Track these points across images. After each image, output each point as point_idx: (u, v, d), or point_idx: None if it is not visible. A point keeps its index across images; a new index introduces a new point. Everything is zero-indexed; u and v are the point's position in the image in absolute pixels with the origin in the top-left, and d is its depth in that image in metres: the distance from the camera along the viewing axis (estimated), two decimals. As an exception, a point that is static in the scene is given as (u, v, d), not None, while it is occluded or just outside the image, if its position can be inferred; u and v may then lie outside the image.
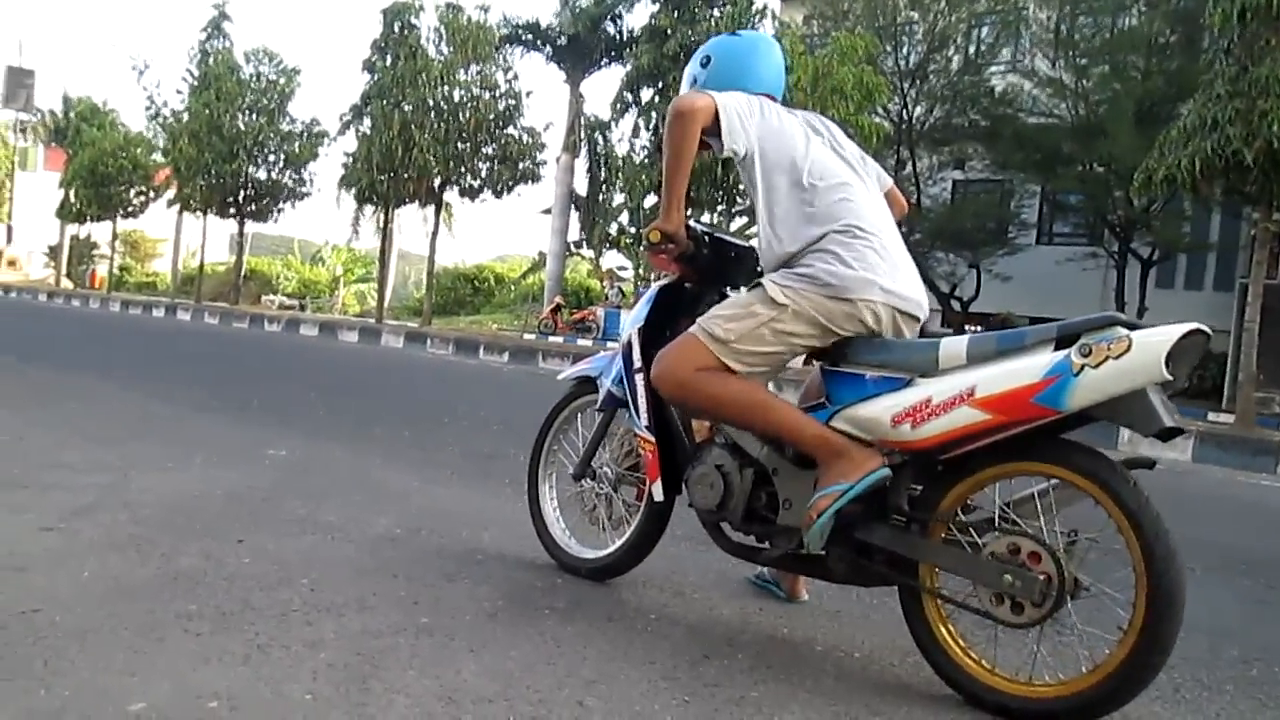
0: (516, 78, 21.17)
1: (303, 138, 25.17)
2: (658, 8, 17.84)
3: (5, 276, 35.11)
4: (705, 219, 16.13)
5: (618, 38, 23.62)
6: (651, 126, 17.53)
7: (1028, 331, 2.02)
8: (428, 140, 19.31)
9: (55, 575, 2.36)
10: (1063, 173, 16.27)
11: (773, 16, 17.77)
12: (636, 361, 2.62)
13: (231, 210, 25.46)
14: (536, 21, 24.44)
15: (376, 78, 20.23)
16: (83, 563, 2.48)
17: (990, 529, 2.04)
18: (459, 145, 20.06)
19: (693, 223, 2.58)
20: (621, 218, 19.77)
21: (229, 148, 23.90)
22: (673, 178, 2.38)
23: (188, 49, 30.34)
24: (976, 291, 17.93)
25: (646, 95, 18.20)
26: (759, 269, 2.52)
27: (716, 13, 17.09)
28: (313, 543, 2.92)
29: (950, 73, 17.73)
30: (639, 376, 2.60)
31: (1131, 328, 1.87)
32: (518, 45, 24.12)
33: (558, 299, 23.12)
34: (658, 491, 2.56)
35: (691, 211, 13.32)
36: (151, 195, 29.45)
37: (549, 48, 24.80)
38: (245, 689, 1.80)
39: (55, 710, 1.65)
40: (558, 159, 23.77)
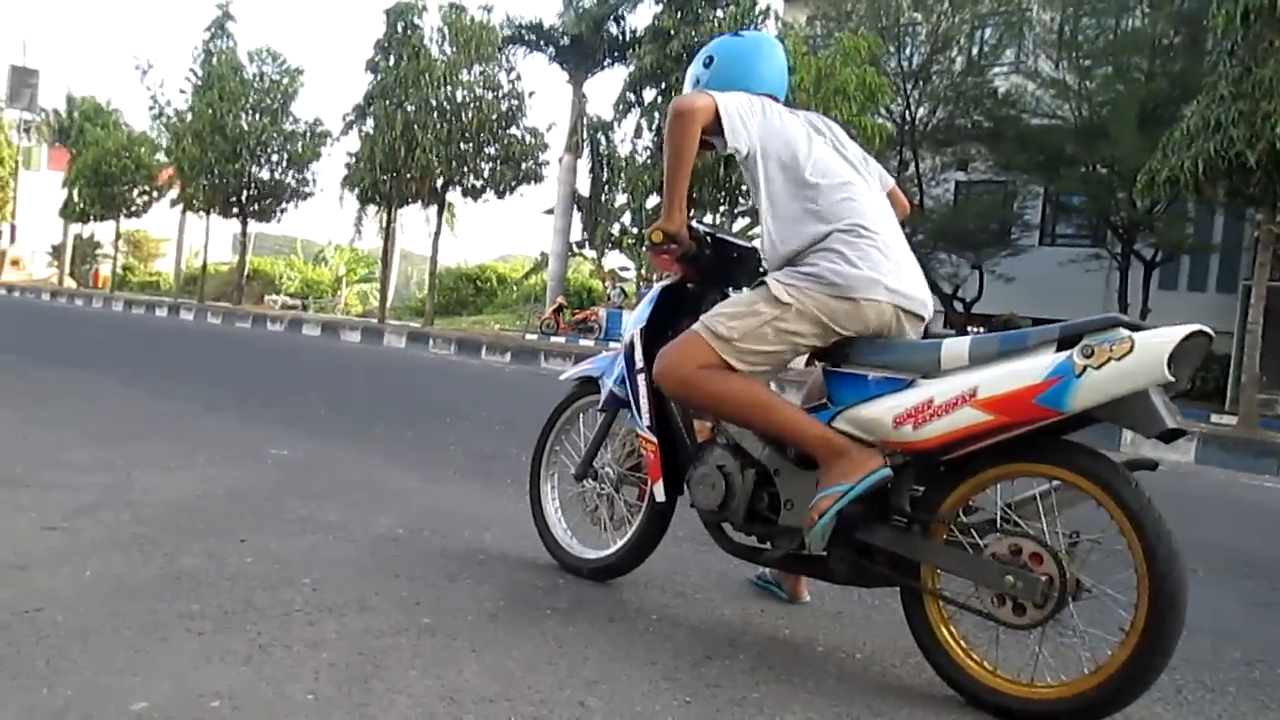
0: (519, 78, 21.23)
1: (306, 137, 25.23)
2: (661, 8, 17.85)
3: (9, 276, 35.17)
4: (708, 220, 16.12)
5: (621, 38, 23.66)
6: (654, 127, 17.52)
7: (1030, 332, 2.02)
8: (430, 140, 19.34)
9: (58, 574, 2.37)
10: (1066, 174, 16.28)
11: (776, 17, 17.78)
12: (639, 362, 2.62)
13: (234, 210, 25.53)
14: (540, 22, 24.53)
15: (379, 78, 20.26)
16: (85, 562, 2.48)
17: (992, 530, 2.04)
18: (462, 145, 20.08)
19: (695, 223, 2.58)
20: (624, 218, 19.77)
21: (232, 147, 23.96)
22: (674, 177, 2.38)
23: (191, 49, 30.50)
24: (979, 292, 17.93)
25: (649, 96, 18.21)
26: (761, 269, 2.52)
27: (719, 13, 17.10)
28: (315, 542, 2.92)
29: (953, 74, 17.72)
30: (641, 377, 2.60)
31: (1134, 329, 1.87)
32: (521, 45, 24.19)
33: (560, 299, 23.13)
34: (659, 492, 2.56)
35: (694, 212, 13.35)
36: (155, 195, 29.54)
37: (552, 48, 24.86)
38: (247, 689, 1.80)
39: (57, 709, 1.65)
40: (560, 159, 23.80)
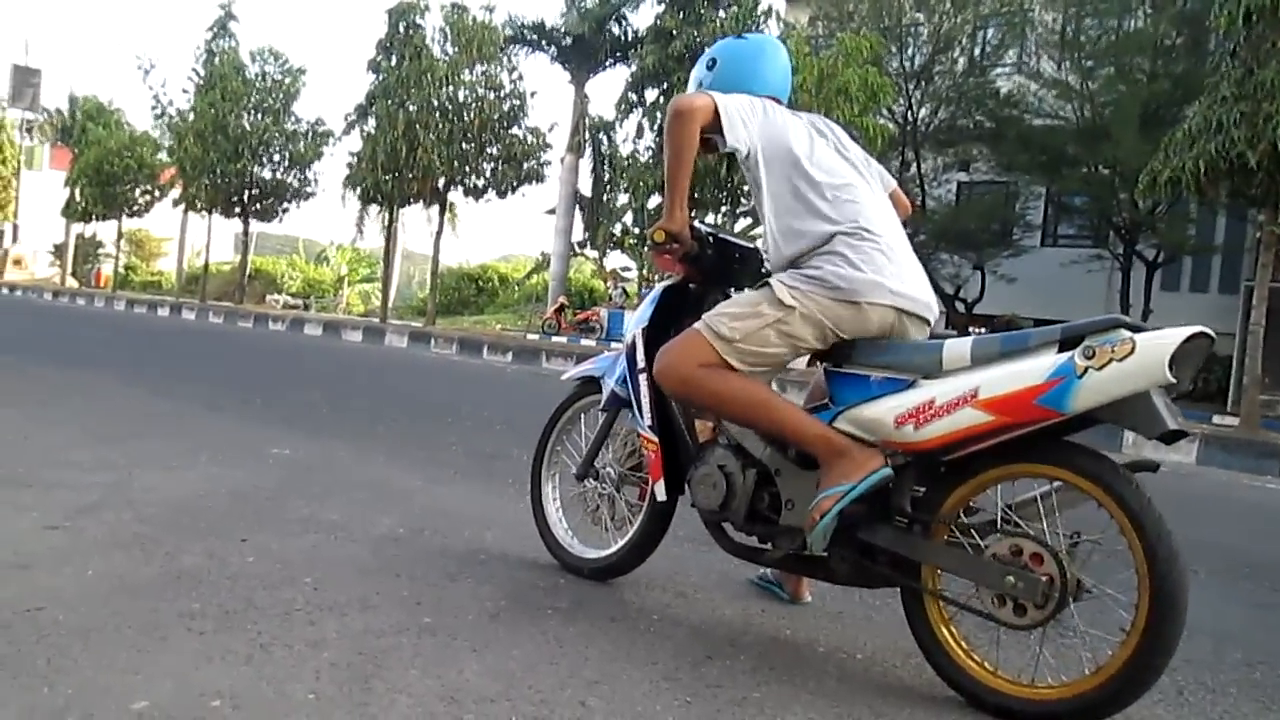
0: (521, 78, 21.22)
1: (308, 137, 25.23)
2: (663, 9, 17.86)
3: (11, 275, 35.21)
4: (709, 219, 16.13)
5: (623, 38, 23.67)
6: (656, 127, 17.52)
7: (1031, 333, 2.02)
8: (432, 140, 19.34)
9: (59, 573, 2.37)
10: (1068, 174, 16.26)
11: (778, 17, 17.79)
12: (640, 361, 2.62)
13: (236, 210, 25.55)
14: (542, 22, 24.54)
15: (381, 78, 20.26)
16: (87, 561, 2.48)
17: (993, 531, 2.04)
18: (464, 145, 20.09)
19: (697, 223, 2.58)
20: (625, 218, 19.77)
21: (234, 147, 23.98)
22: (674, 177, 2.38)
23: (193, 48, 30.49)
24: (981, 293, 17.91)
25: (651, 96, 18.22)
26: (764, 270, 2.52)
27: (722, 14, 17.11)
28: (316, 542, 2.92)
29: (955, 74, 17.70)
30: (643, 377, 2.59)
31: (1135, 330, 1.87)
32: (523, 45, 24.20)
33: (561, 299, 23.13)
34: (660, 492, 2.56)
35: (695, 212, 13.33)
36: (157, 194, 29.53)
37: (554, 48, 24.86)
38: (248, 688, 1.80)
39: (58, 708, 1.66)
40: (562, 159, 23.80)
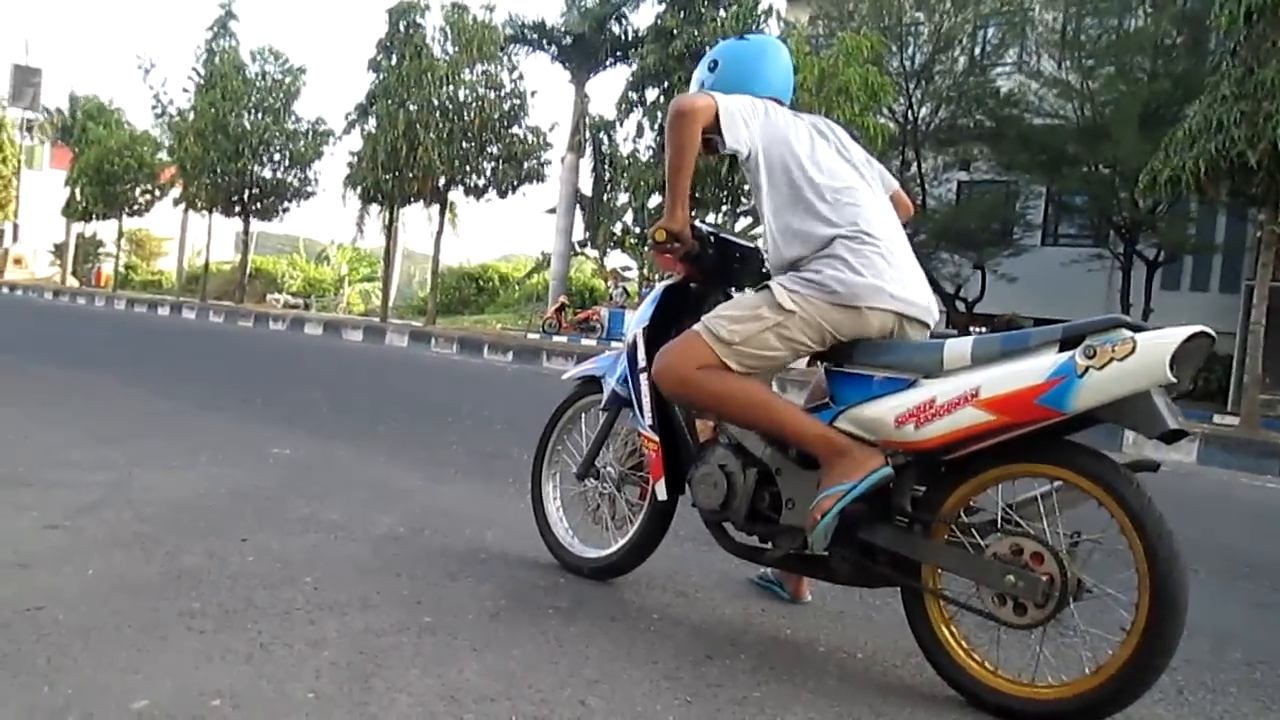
0: (521, 77, 21.22)
1: (308, 137, 25.23)
2: (663, 8, 17.86)
3: (12, 275, 35.21)
4: (710, 219, 16.12)
5: (623, 38, 23.65)
6: (657, 126, 17.51)
7: (1032, 333, 2.02)
8: (433, 140, 19.33)
9: (59, 573, 2.37)
10: (1068, 174, 16.27)
11: (778, 17, 17.77)
12: (641, 361, 2.61)
13: (237, 209, 25.54)
14: (542, 21, 24.51)
15: (382, 77, 20.26)
16: (87, 560, 2.48)
17: (993, 530, 2.04)
18: (464, 145, 20.08)
19: (698, 223, 2.57)
20: (626, 217, 19.76)
21: (234, 146, 23.98)
22: (675, 177, 2.38)
23: (194, 48, 30.49)
24: (981, 292, 17.91)
25: (652, 95, 18.21)
26: (765, 270, 2.52)
27: (722, 13, 17.09)
28: (316, 541, 2.92)
29: (956, 73, 17.70)
30: (644, 376, 2.59)
31: (1136, 330, 1.87)
32: (523, 45, 24.18)
33: (562, 298, 23.13)
34: (661, 491, 2.56)
35: (696, 211, 13.34)
36: (157, 194, 29.52)
37: (554, 47, 24.84)
38: (248, 687, 1.80)
39: (58, 707, 1.66)
40: (563, 159, 23.79)
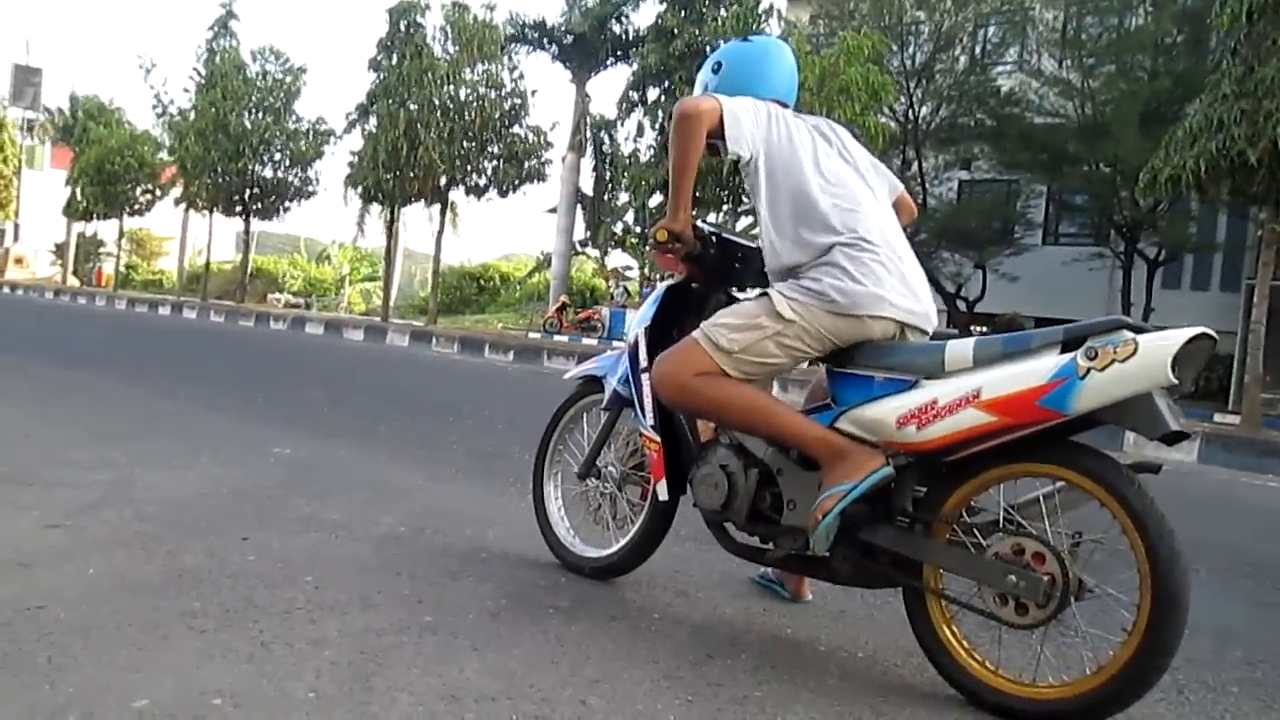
0: (522, 77, 21.23)
1: (309, 136, 25.23)
2: (664, 7, 17.84)
3: (13, 274, 35.22)
4: (711, 218, 16.12)
5: (624, 37, 23.65)
6: (658, 126, 17.52)
7: (1034, 334, 2.02)
8: (433, 139, 19.34)
9: (60, 572, 2.37)
10: (1069, 172, 16.27)
11: (779, 16, 17.76)
12: (643, 361, 2.61)
13: (238, 208, 25.55)
14: (543, 20, 24.52)
15: (382, 76, 20.26)
16: (88, 560, 2.49)
17: (995, 530, 2.04)
18: (465, 144, 20.09)
19: (700, 222, 2.57)
20: (627, 217, 19.78)
21: (235, 146, 23.98)
22: (679, 179, 2.37)
23: (195, 47, 30.48)
24: (982, 291, 17.91)
25: (653, 95, 18.21)
26: (765, 270, 2.52)
27: (723, 12, 17.08)
28: (317, 540, 2.92)
29: (956, 72, 17.71)
30: (645, 376, 2.59)
31: (1138, 331, 1.86)
32: (524, 44, 24.19)
33: (563, 298, 23.15)
34: (662, 491, 2.56)
35: (697, 211, 13.32)
36: (158, 193, 29.53)
37: (555, 46, 24.85)
38: (249, 686, 1.80)
39: (59, 706, 1.66)
40: (563, 158, 23.80)
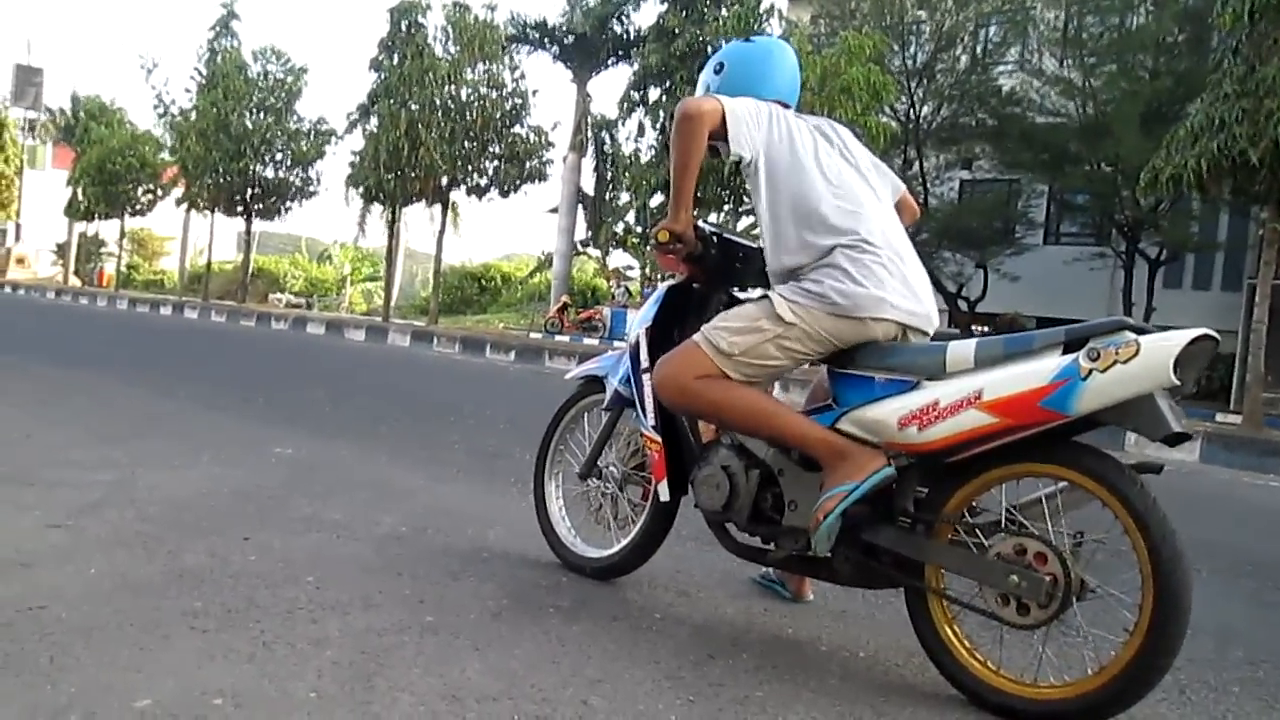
0: (523, 77, 21.24)
1: (310, 136, 25.27)
2: (665, 7, 17.83)
3: (14, 274, 35.26)
4: (712, 219, 16.12)
5: (625, 37, 23.66)
6: (659, 126, 17.51)
7: (1035, 335, 2.02)
8: (434, 139, 19.35)
9: (61, 572, 2.37)
10: (1070, 172, 16.26)
11: (780, 16, 17.75)
12: (644, 361, 2.61)
13: (239, 208, 25.58)
14: (544, 20, 24.54)
15: (383, 77, 20.27)
16: (89, 559, 2.49)
17: (997, 530, 2.03)
18: (466, 144, 20.10)
19: (701, 222, 2.57)
20: (628, 217, 19.77)
21: (236, 146, 24.01)
22: (680, 179, 2.37)
23: (196, 48, 30.51)
24: (984, 291, 17.90)
25: (654, 95, 18.19)
26: (766, 270, 2.52)
27: (724, 12, 17.07)
28: (318, 540, 2.92)
29: (958, 72, 17.70)
30: (646, 376, 2.59)
31: (1140, 332, 1.86)
32: (525, 44, 24.21)
33: (564, 298, 23.15)
34: (664, 491, 2.56)
35: (698, 211, 13.34)
36: (159, 193, 29.58)
37: (556, 46, 24.86)
38: (250, 686, 1.80)
39: (61, 706, 1.66)
40: (564, 158, 23.80)
